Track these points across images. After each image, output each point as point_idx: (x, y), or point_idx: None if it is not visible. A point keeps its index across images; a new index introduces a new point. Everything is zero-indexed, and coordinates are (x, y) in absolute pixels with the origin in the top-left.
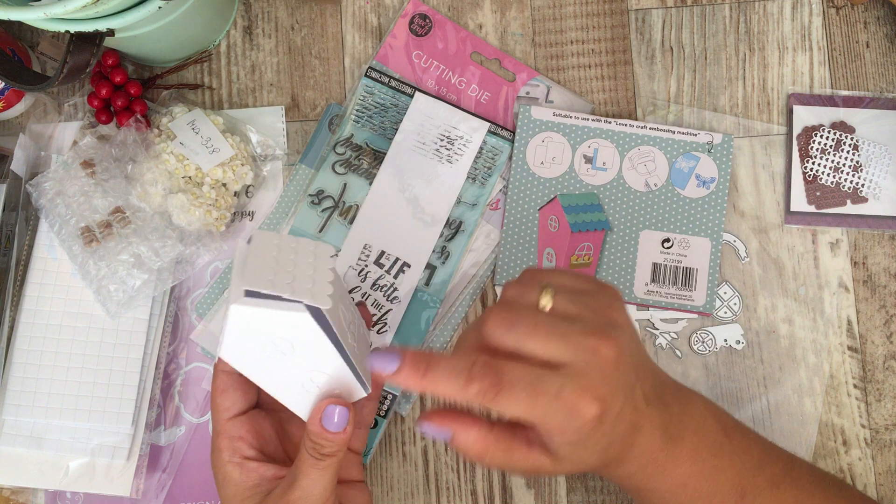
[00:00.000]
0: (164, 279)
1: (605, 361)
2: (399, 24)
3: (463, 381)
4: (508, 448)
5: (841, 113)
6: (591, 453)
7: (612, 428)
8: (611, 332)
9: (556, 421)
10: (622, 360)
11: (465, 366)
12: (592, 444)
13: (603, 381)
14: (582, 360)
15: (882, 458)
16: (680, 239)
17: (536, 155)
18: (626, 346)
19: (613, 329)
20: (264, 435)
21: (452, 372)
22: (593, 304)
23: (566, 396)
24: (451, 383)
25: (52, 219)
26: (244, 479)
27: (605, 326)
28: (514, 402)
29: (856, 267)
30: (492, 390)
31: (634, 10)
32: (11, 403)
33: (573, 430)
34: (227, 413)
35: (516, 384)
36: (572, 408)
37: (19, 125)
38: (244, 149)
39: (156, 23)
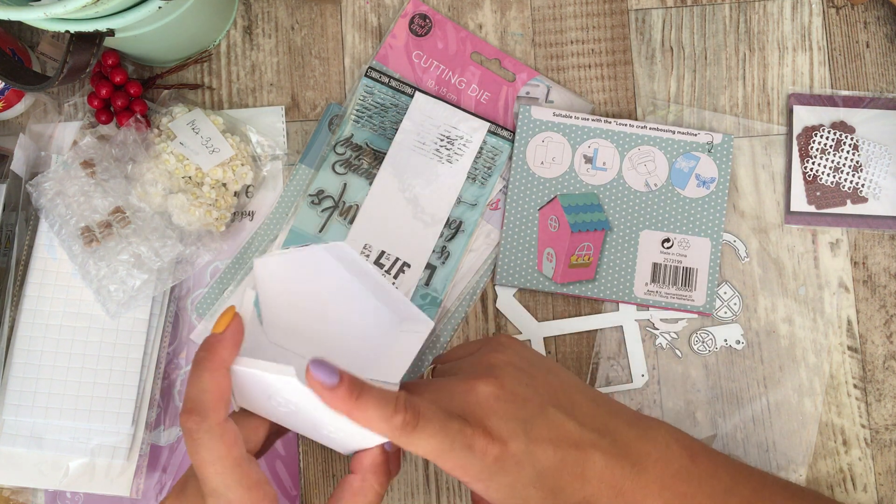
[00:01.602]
0: (164, 279)
1: (485, 399)
2: (399, 24)
3: (390, 411)
4: None
5: (841, 113)
6: (537, 492)
7: (530, 458)
8: (487, 373)
9: (459, 461)
10: (503, 394)
11: (392, 397)
12: (517, 479)
13: (488, 416)
14: (464, 402)
15: (882, 458)
16: (680, 239)
17: (536, 155)
18: (507, 383)
19: (490, 370)
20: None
21: (381, 401)
22: (472, 359)
23: (464, 433)
24: (379, 411)
25: (52, 219)
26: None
27: (481, 370)
28: (427, 437)
29: (856, 267)
30: (412, 422)
31: (634, 10)
32: (11, 403)
33: (477, 468)
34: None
35: (431, 419)
36: (469, 445)
37: (19, 125)
38: (244, 149)
39: (156, 23)
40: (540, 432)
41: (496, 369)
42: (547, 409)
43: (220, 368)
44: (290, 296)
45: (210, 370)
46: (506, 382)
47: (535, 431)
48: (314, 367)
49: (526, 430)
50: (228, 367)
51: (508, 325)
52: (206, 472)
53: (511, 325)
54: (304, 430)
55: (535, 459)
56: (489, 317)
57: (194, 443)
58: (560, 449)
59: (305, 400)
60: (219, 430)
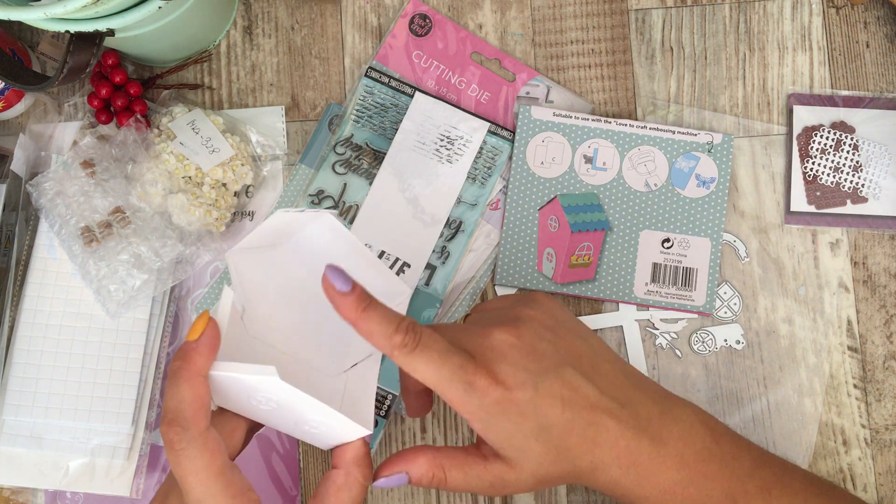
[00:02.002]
0: (164, 279)
1: (499, 345)
2: (399, 24)
3: (392, 329)
4: (463, 464)
5: (841, 113)
6: (538, 445)
7: (535, 410)
8: (510, 322)
9: (457, 394)
10: (520, 344)
11: (397, 318)
12: (519, 428)
13: (497, 360)
14: (478, 344)
15: (882, 458)
16: (680, 239)
17: (536, 155)
18: (526, 335)
19: (514, 321)
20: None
21: (385, 318)
22: (504, 310)
23: (465, 369)
24: (382, 327)
25: (52, 219)
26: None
27: (506, 320)
28: (425, 362)
29: (856, 267)
30: (411, 344)
31: (634, 10)
32: (11, 403)
33: (475, 405)
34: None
35: (432, 346)
36: (470, 381)
37: (19, 125)
38: (244, 149)
39: (156, 23)
40: (551, 387)
41: (520, 321)
42: (565, 367)
43: (197, 377)
44: (266, 288)
45: (187, 379)
46: (525, 334)
47: (546, 386)
48: (330, 273)
49: (535, 382)
50: (206, 374)
51: None
52: (189, 482)
53: None
54: (285, 427)
55: (541, 413)
56: None
57: (176, 454)
58: (570, 409)
59: (287, 397)
60: (201, 439)
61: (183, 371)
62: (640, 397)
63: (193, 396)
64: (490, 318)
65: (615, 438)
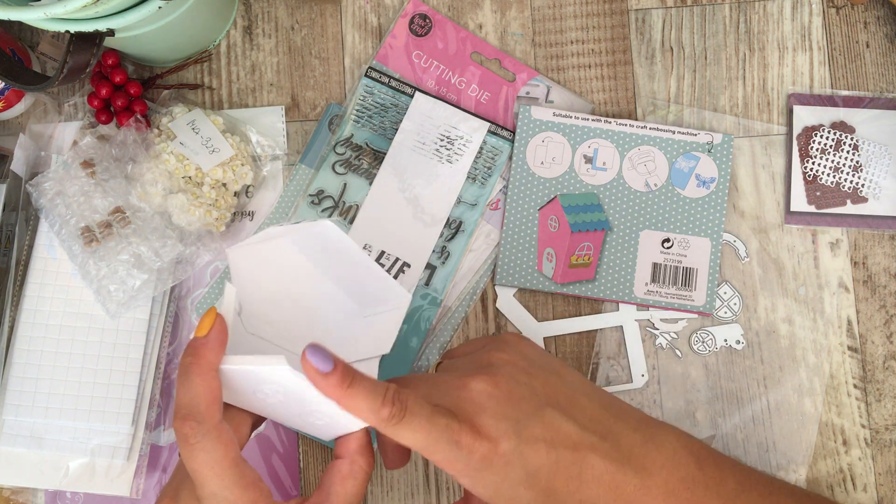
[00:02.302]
0: (164, 279)
1: (477, 396)
2: (399, 24)
3: (379, 403)
4: None
5: (841, 113)
6: (527, 492)
7: (520, 457)
8: (484, 370)
9: (445, 455)
10: (497, 392)
11: (381, 390)
12: (506, 478)
13: (478, 413)
14: (456, 398)
15: (882, 458)
16: (680, 239)
17: (536, 155)
18: (502, 382)
19: (487, 368)
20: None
21: (371, 393)
22: (476, 355)
23: (451, 429)
24: (368, 402)
25: (52, 219)
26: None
27: (479, 367)
28: (413, 430)
29: (856, 267)
30: (399, 415)
31: (634, 10)
32: (11, 403)
33: (463, 464)
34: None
35: (418, 413)
36: (456, 441)
37: (19, 125)
38: (244, 149)
39: (156, 23)
40: (533, 432)
41: (494, 368)
42: (544, 409)
43: (209, 371)
44: (264, 285)
45: (199, 374)
46: (501, 381)
47: (528, 431)
48: (310, 353)
49: (518, 429)
50: (216, 368)
51: (508, 326)
52: (204, 475)
53: (511, 326)
54: (288, 419)
55: (526, 460)
56: (489, 317)
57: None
58: (554, 450)
59: (295, 387)
60: (216, 432)
61: (194, 366)
62: (621, 427)
63: (206, 390)
64: (463, 365)
65: (600, 474)
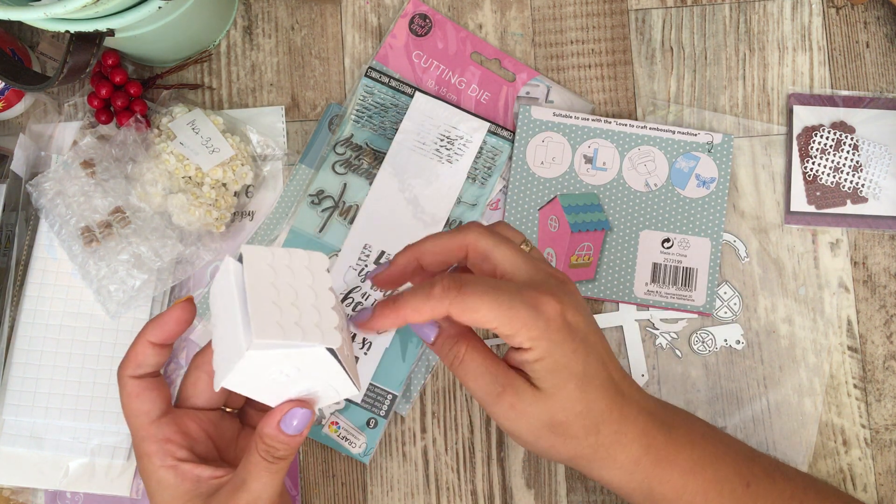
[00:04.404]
0: (164, 279)
1: (568, 288)
2: (399, 24)
3: (427, 290)
4: (488, 356)
5: (841, 113)
6: (576, 390)
7: (584, 353)
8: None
9: (521, 315)
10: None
11: (426, 286)
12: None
13: (565, 294)
14: (544, 277)
15: (882, 458)
16: (680, 239)
17: (536, 155)
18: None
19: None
20: (192, 434)
21: (416, 290)
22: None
23: (526, 294)
24: (416, 297)
25: (52, 219)
26: (180, 483)
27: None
28: (476, 298)
29: (856, 267)
30: (454, 289)
31: (634, 10)
32: (11, 403)
33: (541, 329)
34: (149, 416)
35: (478, 284)
36: (534, 304)
37: (19, 125)
38: (244, 149)
39: (156, 23)
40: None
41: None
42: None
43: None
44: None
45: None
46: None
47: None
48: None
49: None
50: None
51: None
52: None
53: None
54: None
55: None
56: None
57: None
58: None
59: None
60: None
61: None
62: (637, 386)
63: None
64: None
65: (636, 414)
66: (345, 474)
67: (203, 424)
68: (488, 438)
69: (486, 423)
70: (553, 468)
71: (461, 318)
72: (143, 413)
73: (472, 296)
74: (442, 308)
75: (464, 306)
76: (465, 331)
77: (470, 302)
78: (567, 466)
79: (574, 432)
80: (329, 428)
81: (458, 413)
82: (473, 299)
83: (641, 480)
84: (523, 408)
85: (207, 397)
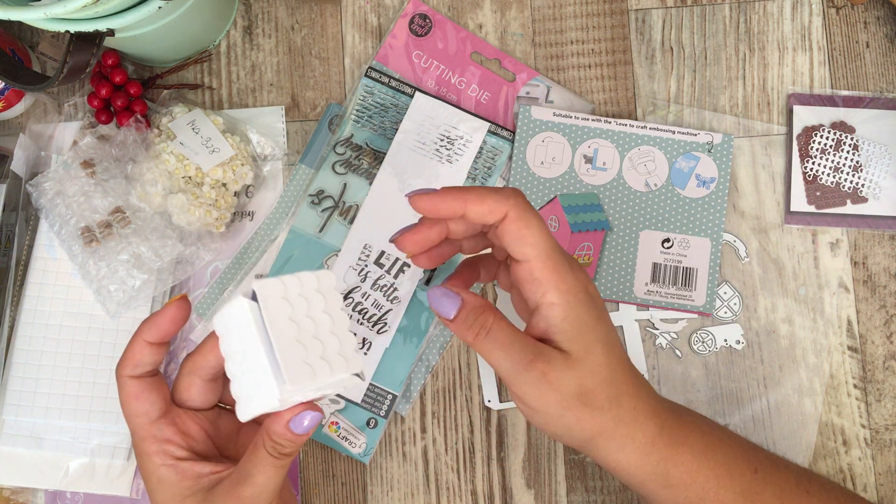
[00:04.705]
0: (164, 279)
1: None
2: (399, 24)
3: (494, 188)
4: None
5: (841, 113)
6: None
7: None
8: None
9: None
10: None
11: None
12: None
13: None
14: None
15: (882, 458)
16: (680, 239)
17: (536, 155)
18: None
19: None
20: (191, 433)
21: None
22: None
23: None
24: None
25: (52, 219)
26: (180, 480)
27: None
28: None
29: (856, 267)
30: (521, 197)
31: (634, 10)
32: (11, 403)
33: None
34: (148, 417)
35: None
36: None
37: (19, 125)
38: (244, 149)
39: (156, 23)
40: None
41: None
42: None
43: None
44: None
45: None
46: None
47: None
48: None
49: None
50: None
51: None
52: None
53: None
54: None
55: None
56: None
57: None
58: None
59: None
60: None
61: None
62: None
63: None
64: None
65: (646, 394)
66: (345, 474)
67: (201, 423)
68: (488, 438)
69: (486, 423)
70: (553, 468)
71: (511, 227)
72: (142, 414)
73: (531, 214)
74: (504, 206)
75: (522, 215)
76: (487, 304)
77: (527, 218)
78: (567, 466)
79: (600, 403)
80: (329, 428)
81: (458, 413)
82: (531, 217)
83: (657, 462)
84: (555, 375)
85: (202, 400)
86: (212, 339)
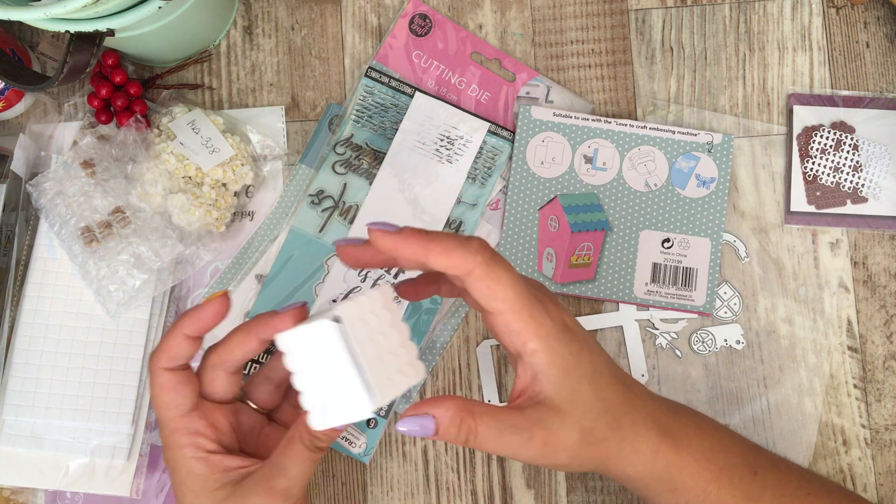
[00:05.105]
0: (164, 279)
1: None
2: (399, 24)
3: (464, 239)
4: (497, 413)
5: (841, 113)
6: (589, 390)
7: (589, 353)
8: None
9: (534, 311)
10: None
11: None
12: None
13: (557, 302)
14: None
15: (882, 458)
16: (680, 239)
17: (536, 155)
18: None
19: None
20: (220, 427)
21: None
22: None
23: (538, 289)
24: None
25: (52, 219)
26: (210, 473)
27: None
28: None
29: (856, 267)
30: (489, 253)
31: (634, 10)
32: (11, 403)
33: (548, 326)
34: (180, 410)
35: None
36: (542, 301)
37: (19, 125)
38: (244, 149)
39: (156, 23)
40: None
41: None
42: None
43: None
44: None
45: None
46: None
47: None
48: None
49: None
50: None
51: None
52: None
53: None
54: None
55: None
56: None
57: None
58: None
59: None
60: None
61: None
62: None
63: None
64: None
65: (643, 400)
66: (345, 474)
67: (227, 417)
68: None
69: None
70: None
71: (480, 284)
72: (174, 406)
73: (499, 267)
74: (470, 262)
75: (489, 271)
76: (462, 406)
77: (496, 272)
78: None
79: (602, 435)
80: None
81: None
82: (500, 270)
83: (662, 468)
84: (556, 437)
85: (224, 392)
86: (239, 334)
